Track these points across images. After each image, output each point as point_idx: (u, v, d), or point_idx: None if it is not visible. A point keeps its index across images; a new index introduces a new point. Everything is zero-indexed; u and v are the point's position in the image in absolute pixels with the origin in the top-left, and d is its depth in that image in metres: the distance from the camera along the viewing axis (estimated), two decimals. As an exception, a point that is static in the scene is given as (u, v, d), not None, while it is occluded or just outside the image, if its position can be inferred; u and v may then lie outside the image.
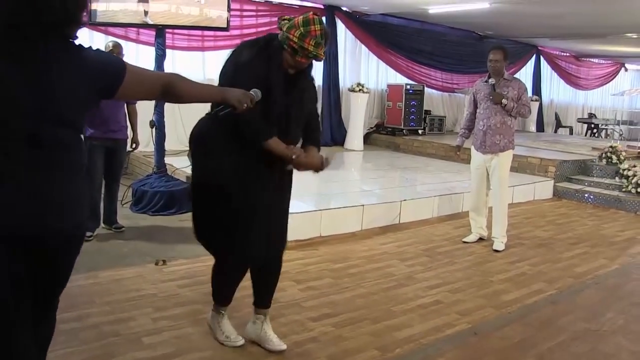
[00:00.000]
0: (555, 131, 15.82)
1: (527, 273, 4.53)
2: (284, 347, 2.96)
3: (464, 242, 5.24)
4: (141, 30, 7.82)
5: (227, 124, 2.35)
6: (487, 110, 5.01)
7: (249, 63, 2.55)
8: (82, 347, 2.91)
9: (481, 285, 4.19)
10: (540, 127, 15.25)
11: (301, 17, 2.59)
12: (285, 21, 2.64)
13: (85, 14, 1.88)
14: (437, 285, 4.12)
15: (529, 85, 15.32)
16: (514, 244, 5.29)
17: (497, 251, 5.02)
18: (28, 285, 1.85)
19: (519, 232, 5.73)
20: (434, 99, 12.72)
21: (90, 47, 1.88)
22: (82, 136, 1.96)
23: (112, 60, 1.96)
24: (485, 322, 3.53)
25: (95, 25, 6.83)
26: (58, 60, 1.75)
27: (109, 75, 1.87)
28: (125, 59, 8.12)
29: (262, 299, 3.03)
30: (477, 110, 5.12)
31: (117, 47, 5.07)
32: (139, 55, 8.21)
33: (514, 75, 5.94)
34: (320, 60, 2.67)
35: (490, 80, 5.08)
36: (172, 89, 2.07)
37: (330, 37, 2.68)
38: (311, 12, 2.62)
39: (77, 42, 1.82)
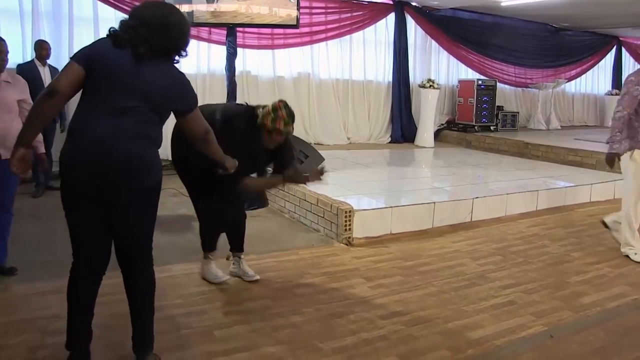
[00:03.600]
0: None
1: (607, 275, 4.32)
2: (258, 277, 3.87)
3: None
4: (213, 29, 8.00)
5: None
6: None
7: (243, 145, 3.29)
8: (156, 337, 2.98)
9: (557, 286, 4.03)
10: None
11: (271, 106, 3.44)
12: (260, 110, 3.46)
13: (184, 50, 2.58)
14: (510, 285, 4.00)
15: (608, 79, 14.66)
16: (593, 244, 5.08)
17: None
18: (107, 227, 2.47)
19: (600, 231, 5.47)
20: (506, 95, 12.40)
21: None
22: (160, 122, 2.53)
23: (189, 90, 2.63)
24: (562, 325, 3.39)
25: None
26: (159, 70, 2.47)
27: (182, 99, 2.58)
28: (197, 58, 8.42)
29: (237, 245, 3.93)
30: None
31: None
32: (210, 54, 8.42)
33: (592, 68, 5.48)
34: (290, 134, 3.52)
35: None
36: (209, 136, 2.74)
37: (294, 113, 3.49)
38: (278, 101, 3.48)
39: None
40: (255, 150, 3.46)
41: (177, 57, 2.55)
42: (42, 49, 6.18)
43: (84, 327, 2.55)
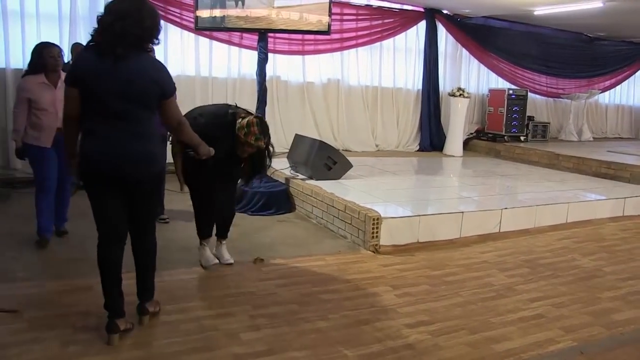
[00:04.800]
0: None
1: (642, 291, 4.23)
2: (232, 261, 4.28)
3: None
4: (244, 34, 8.08)
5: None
6: None
7: (218, 135, 3.65)
8: (183, 339, 3.04)
9: (588, 301, 3.96)
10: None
11: (246, 120, 3.74)
12: (240, 119, 3.77)
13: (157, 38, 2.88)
14: (538, 299, 3.95)
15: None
16: (625, 259, 4.98)
17: None
18: (122, 201, 2.96)
19: (633, 246, 5.36)
20: (537, 105, 12.24)
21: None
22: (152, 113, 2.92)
23: (168, 76, 2.95)
24: (593, 342, 3.32)
25: (200, 31, 7.14)
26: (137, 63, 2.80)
27: (162, 85, 2.88)
28: (228, 62, 8.52)
29: (222, 233, 4.32)
30: None
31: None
32: (241, 59, 8.50)
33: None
34: (261, 147, 3.83)
35: None
36: (182, 126, 3.08)
37: (268, 130, 3.85)
38: (253, 116, 3.81)
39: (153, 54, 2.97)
40: (230, 152, 3.82)
41: (150, 46, 2.90)
42: (78, 51, 6.32)
43: (116, 289, 2.98)
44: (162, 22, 3.00)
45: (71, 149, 2.94)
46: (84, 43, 6.42)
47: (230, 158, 3.85)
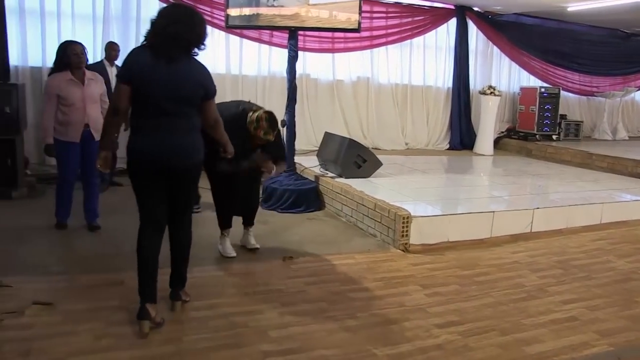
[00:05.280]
0: None
1: (682, 295, 4.10)
2: (257, 246, 4.53)
3: None
4: (274, 32, 8.10)
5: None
6: None
7: (234, 140, 3.67)
8: (212, 335, 3.07)
9: (624, 305, 3.86)
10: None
11: (256, 115, 4.00)
12: (249, 114, 4.03)
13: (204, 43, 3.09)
14: (572, 301, 3.87)
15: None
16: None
17: None
18: (165, 191, 3.14)
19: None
20: (570, 103, 12.01)
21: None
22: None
23: (211, 79, 3.16)
24: (631, 347, 3.23)
25: (231, 29, 7.18)
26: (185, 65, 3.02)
27: (206, 87, 3.10)
28: (258, 60, 8.59)
29: (248, 222, 4.56)
30: None
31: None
32: (271, 57, 8.53)
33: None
34: (270, 141, 4.07)
35: None
36: (218, 124, 3.27)
37: (276, 125, 4.09)
38: (263, 112, 4.03)
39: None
40: (245, 145, 4.02)
41: (197, 50, 3.08)
42: (112, 50, 6.42)
43: (151, 275, 3.10)
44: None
45: (108, 141, 3.17)
46: (117, 42, 6.61)
47: (244, 152, 4.02)
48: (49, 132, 4.59)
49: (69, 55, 4.56)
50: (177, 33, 2.92)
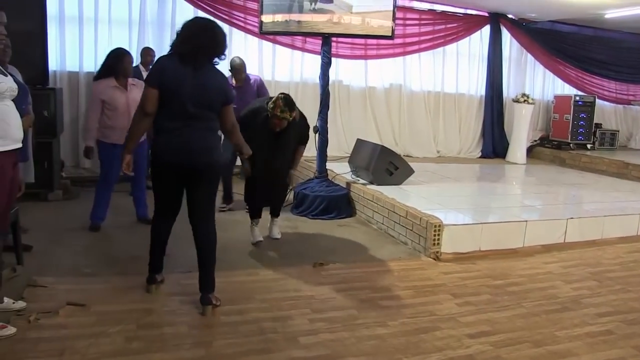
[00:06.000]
0: None
1: None
2: (279, 237, 5.05)
3: None
4: (308, 39, 8.13)
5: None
6: None
7: (252, 127, 4.43)
8: (242, 340, 3.07)
9: (663, 319, 3.76)
10: None
11: (274, 97, 4.46)
12: (268, 100, 4.50)
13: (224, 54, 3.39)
14: (607, 314, 3.78)
15: None
16: None
17: None
18: (181, 190, 3.46)
19: None
20: (605, 112, 11.77)
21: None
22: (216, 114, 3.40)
23: (230, 86, 3.56)
24: (670, 364, 3.14)
25: (264, 35, 7.24)
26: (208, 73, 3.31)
27: (226, 94, 3.40)
28: (291, 66, 8.65)
29: (274, 213, 5.08)
30: None
31: None
32: (304, 63, 8.56)
33: None
34: (288, 120, 4.45)
35: None
36: (235, 129, 3.55)
37: (293, 105, 4.46)
38: (280, 93, 4.51)
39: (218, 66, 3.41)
40: (266, 130, 4.50)
41: (217, 60, 3.35)
42: (147, 55, 6.53)
43: (159, 251, 3.63)
44: (227, 31, 3.55)
45: (133, 144, 3.46)
46: (152, 47, 6.72)
47: (270, 145, 4.56)
48: (91, 134, 4.78)
49: (125, 63, 4.78)
50: (201, 44, 3.22)
